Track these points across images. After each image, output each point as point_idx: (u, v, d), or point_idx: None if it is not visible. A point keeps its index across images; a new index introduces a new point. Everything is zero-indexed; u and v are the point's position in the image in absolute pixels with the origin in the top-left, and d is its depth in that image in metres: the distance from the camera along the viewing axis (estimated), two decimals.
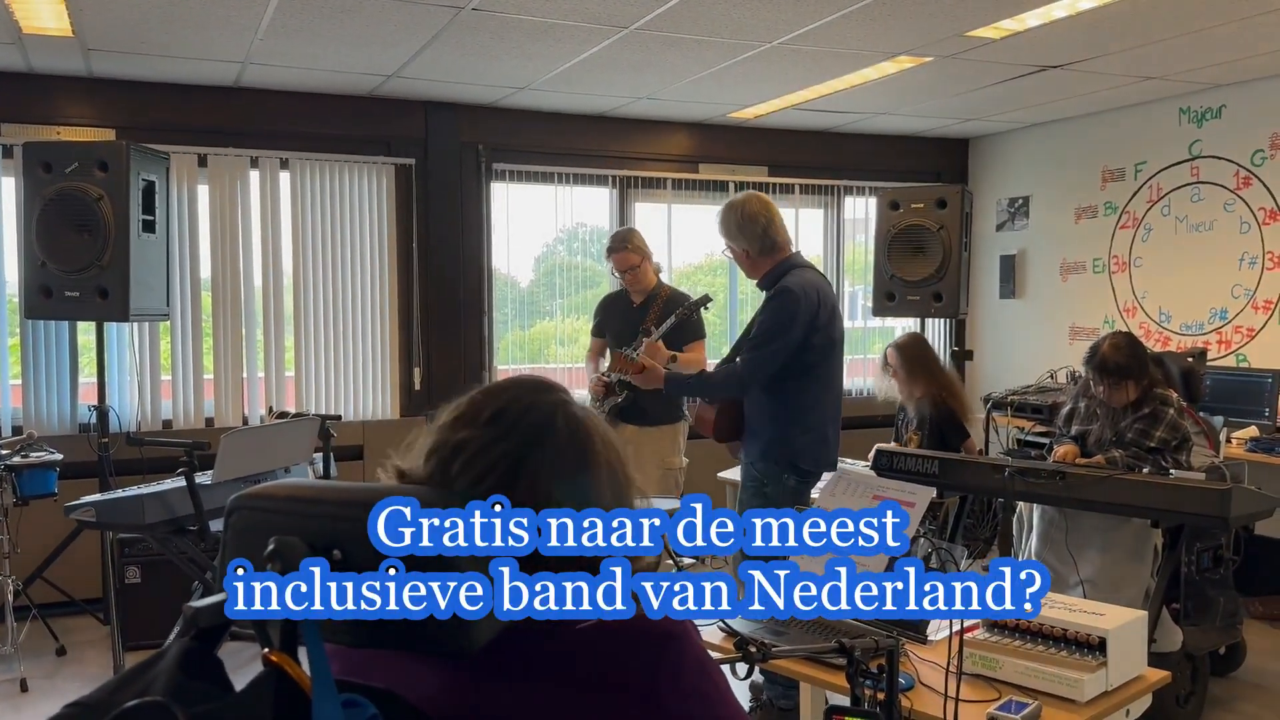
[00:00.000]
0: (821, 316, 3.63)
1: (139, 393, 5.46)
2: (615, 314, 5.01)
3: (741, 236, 3.71)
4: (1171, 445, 3.79)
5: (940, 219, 5.64)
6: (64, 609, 4.95)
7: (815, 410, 3.69)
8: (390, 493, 1.05)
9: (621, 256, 4.86)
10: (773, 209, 3.73)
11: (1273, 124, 5.48)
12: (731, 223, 3.72)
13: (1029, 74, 5.31)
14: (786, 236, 3.76)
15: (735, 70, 5.17)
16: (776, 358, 3.61)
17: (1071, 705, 2.25)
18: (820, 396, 3.71)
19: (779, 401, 3.68)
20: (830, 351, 3.71)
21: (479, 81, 5.44)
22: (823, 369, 3.70)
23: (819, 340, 3.64)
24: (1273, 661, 4.49)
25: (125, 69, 5.16)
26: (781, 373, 3.63)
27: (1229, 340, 5.75)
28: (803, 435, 3.67)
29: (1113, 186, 6.39)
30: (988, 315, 7.29)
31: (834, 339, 3.72)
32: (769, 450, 3.69)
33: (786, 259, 3.73)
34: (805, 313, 3.59)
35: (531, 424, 1.11)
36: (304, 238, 5.78)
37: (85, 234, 4.61)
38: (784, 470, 3.66)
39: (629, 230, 5.00)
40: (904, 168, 7.17)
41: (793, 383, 3.66)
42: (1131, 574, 3.77)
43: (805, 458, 3.67)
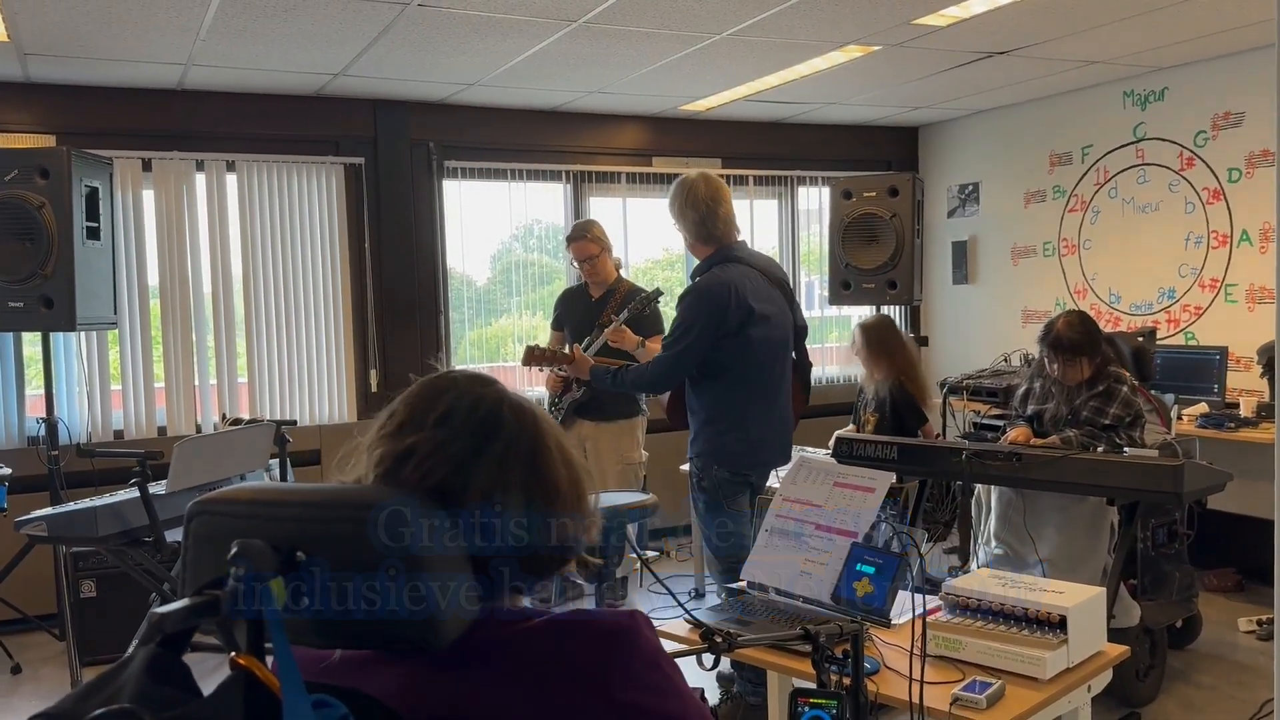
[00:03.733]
0: (731, 317, 3.51)
1: (89, 403, 5.36)
2: (574, 307, 5.00)
3: (680, 219, 3.66)
4: (1125, 422, 3.85)
5: (892, 207, 5.69)
6: (17, 626, 4.85)
7: (739, 409, 3.62)
8: (357, 494, 1.03)
9: (580, 245, 4.85)
10: (718, 198, 3.60)
11: (1214, 105, 5.59)
12: (675, 204, 3.66)
13: (976, 60, 5.37)
14: (727, 229, 3.63)
15: (686, 62, 5.17)
16: (682, 360, 3.57)
17: (1034, 683, 2.28)
18: (744, 395, 3.61)
19: (700, 400, 3.67)
20: (748, 350, 3.57)
21: (427, 78, 5.40)
22: (744, 368, 3.60)
23: (729, 344, 3.54)
24: (1228, 633, 4.58)
25: (64, 73, 5.05)
26: (703, 371, 3.61)
27: (1177, 319, 5.86)
28: (725, 434, 3.62)
29: (1060, 170, 6.49)
30: (942, 301, 7.37)
31: (750, 339, 3.56)
32: (695, 443, 3.70)
33: (720, 250, 3.62)
34: (707, 314, 3.51)
35: (481, 419, 1.10)
36: (253, 241, 5.70)
37: (27, 243, 4.51)
38: (713, 463, 3.63)
39: (589, 221, 4.99)
40: (856, 157, 7.22)
41: (711, 382, 3.63)
42: (1089, 551, 3.84)
43: (726, 456, 3.62)
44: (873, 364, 4.93)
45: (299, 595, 0.96)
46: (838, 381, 7.29)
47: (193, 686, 0.89)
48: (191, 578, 1.01)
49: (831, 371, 7.36)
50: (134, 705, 0.79)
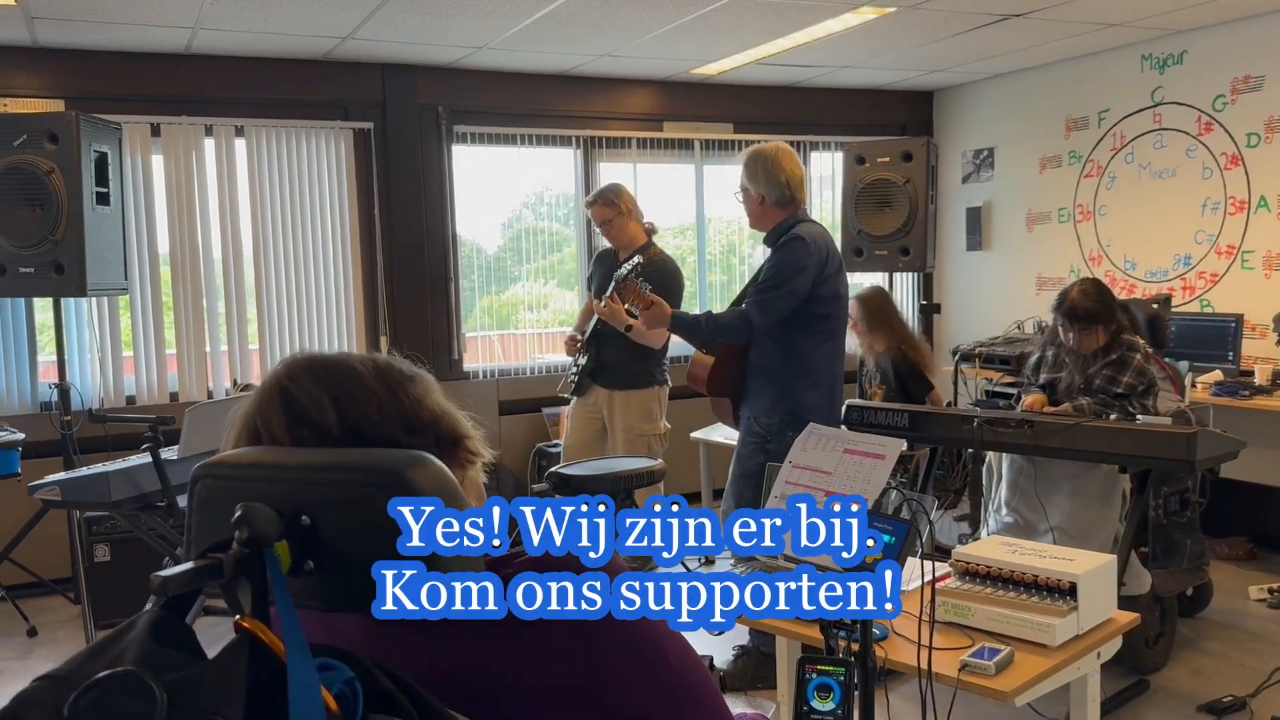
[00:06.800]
0: (829, 268, 3.67)
1: (101, 369, 5.37)
2: (603, 268, 4.94)
3: (765, 182, 3.71)
4: (1138, 390, 3.83)
5: (906, 172, 5.64)
6: (33, 590, 4.90)
7: (824, 365, 3.73)
8: (360, 456, 1.02)
9: (596, 210, 4.80)
10: (799, 167, 3.77)
11: (1233, 69, 5.50)
12: (758, 166, 3.72)
13: (992, 23, 5.29)
14: (803, 195, 3.81)
15: (697, 24, 5.11)
16: (786, 301, 3.62)
17: (1043, 650, 2.28)
18: (829, 352, 3.74)
19: (787, 354, 3.67)
20: (837, 306, 3.75)
21: (436, 41, 5.35)
22: (830, 323, 3.73)
23: (826, 292, 3.66)
24: (1239, 601, 4.58)
25: (72, 37, 5.02)
26: (790, 325, 3.64)
27: (1193, 286, 5.81)
28: (811, 389, 3.68)
29: (1076, 135, 6.41)
30: (955, 268, 7.32)
31: (840, 293, 3.75)
32: (776, 405, 3.68)
33: (797, 214, 3.76)
34: (815, 261, 3.62)
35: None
36: (262, 206, 5.68)
37: (37, 208, 4.51)
38: (789, 427, 3.56)
39: (609, 185, 4.88)
40: (870, 121, 7.15)
41: (801, 336, 3.67)
42: (1100, 519, 3.82)
43: (814, 413, 3.57)
44: (872, 336, 4.94)
45: (303, 558, 0.96)
46: (848, 350, 7.26)
47: (197, 649, 0.88)
48: (196, 541, 1.00)
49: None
50: (137, 668, 0.79)
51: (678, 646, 1.09)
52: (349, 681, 0.89)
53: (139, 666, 0.80)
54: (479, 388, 6.16)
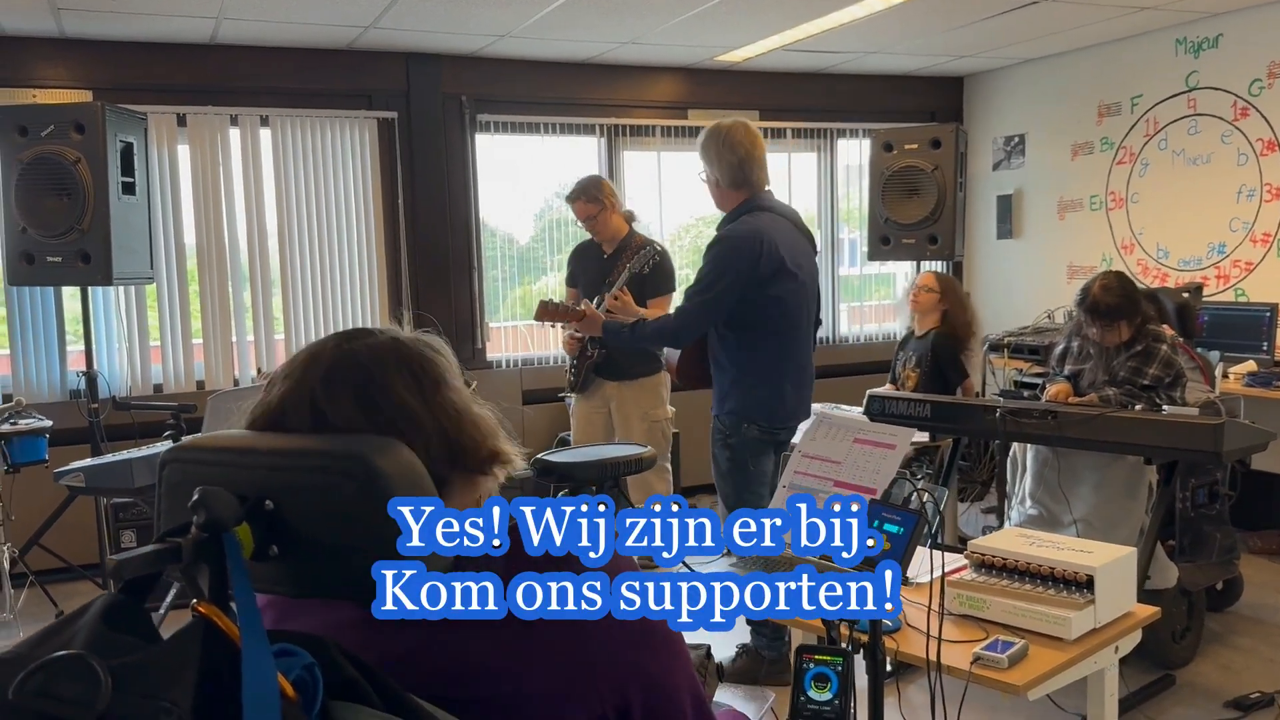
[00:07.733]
0: (763, 268, 3.41)
1: (128, 358, 5.43)
2: (586, 264, 4.91)
3: (717, 162, 3.52)
4: (1165, 382, 3.75)
5: (935, 159, 5.56)
6: (62, 575, 4.96)
7: (772, 363, 3.53)
8: (329, 443, 1.01)
9: (578, 206, 4.75)
10: (757, 144, 3.52)
11: (1270, 53, 5.37)
12: (710, 146, 3.53)
13: (1022, 7, 5.20)
14: (761, 176, 3.54)
15: (720, 10, 5.06)
16: (708, 310, 3.46)
17: (1059, 643, 2.24)
18: (776, 348, 3.53)
19: (731, 355, 3.57)
20: (780, 303, 3.49)
21: (458, 30, 5.34)
22: (777, 322, 3.52)
23: (760, 296, 3.44)
24: (1271, 595, 4.48)
25: (98, 28, 5.07)
26: (731, 323, 3.51)
27: (1227, 275, 5.69)
28: (758, 387, 3.53)
29: (1109, 121, 6.29)
30: (985, 256, 7.22)
31: (783, 291, 3.48)
32: (725, 402, 3.60)
33: (751, 199, 3.53)
34: (738, 264, 3.40)
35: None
36: (287, 196, 5.70)
37: (64, 197, 4.55)
38: (742, 421, 3.54)
39: (588, 178, 4.81)
40: (898, 108, 7.06)
41: (740, 335, 3.53)
42: (1126, 512, 3.75)
43: (760, 413, 3.53)
44: (934, 311, 4.94)
45: (266, 543, 0.94)
46: (876, 339, 7.20)
47: (151, 633, 0.87)
48: (164, 526, 0.99)
49: (870, 329, 7.26)
50: (84, 651, 0.78)
51: (675, 647, 1.09)
52: (308, 667, 0.87)
53: (87, 650, 0.80)
54: (502, 377, 6.17)
